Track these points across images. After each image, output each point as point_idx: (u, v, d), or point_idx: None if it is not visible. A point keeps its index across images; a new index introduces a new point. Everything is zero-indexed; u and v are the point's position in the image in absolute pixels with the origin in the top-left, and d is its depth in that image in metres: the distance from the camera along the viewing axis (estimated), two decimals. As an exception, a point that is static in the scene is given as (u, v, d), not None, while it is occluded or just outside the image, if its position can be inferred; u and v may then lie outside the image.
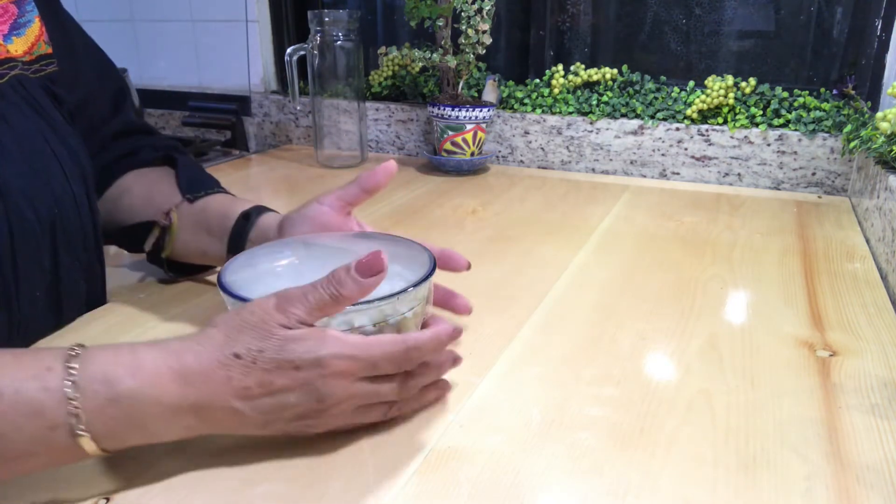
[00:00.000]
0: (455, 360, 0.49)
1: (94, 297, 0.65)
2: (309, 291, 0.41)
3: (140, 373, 0.38)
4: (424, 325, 0.50)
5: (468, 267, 0.59)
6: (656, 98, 1.18)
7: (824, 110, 1.08)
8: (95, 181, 0.65)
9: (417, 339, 0.44)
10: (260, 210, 0.64)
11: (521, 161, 1.26)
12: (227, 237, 0.63)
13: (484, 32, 1.13)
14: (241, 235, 0.62)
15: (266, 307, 0.41)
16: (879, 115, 0.83)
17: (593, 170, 1.21)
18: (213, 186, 0.69)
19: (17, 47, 0.58)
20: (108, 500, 0.39)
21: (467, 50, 1.15)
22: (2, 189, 0.53)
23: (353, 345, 0.41)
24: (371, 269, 0.41)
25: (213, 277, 0.72)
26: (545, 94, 1.24)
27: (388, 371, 0.43)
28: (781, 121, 1.10)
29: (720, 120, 1.13)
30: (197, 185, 0.68)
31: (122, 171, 0.71)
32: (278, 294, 0.41)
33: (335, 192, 0.58)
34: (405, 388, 0.45)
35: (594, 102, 1.20)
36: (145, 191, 0.70)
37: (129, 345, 0.40)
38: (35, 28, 0.60)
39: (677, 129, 1.14)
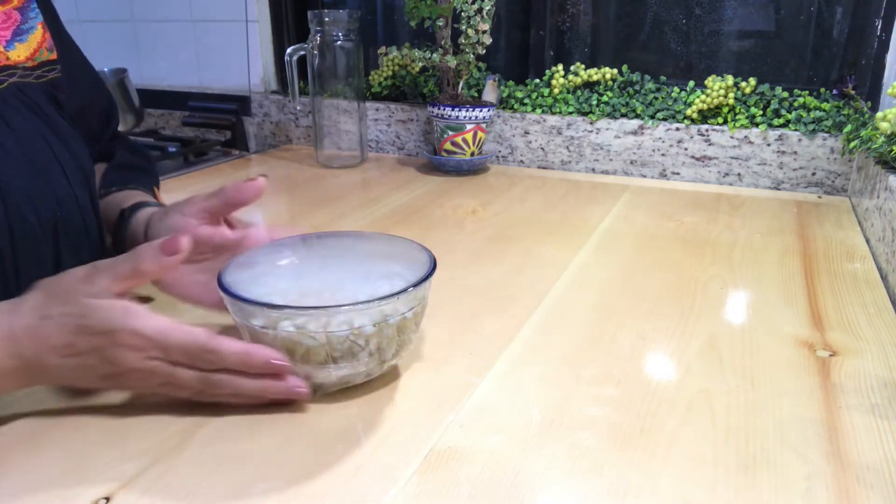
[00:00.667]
0: (290, 391, 0.47)
1: None
2: (114, 264, 0.44)
3: None
4: None
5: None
6: (656, 98, 1.18)
7: (824, 110, 1.08)
8: None
9: (219, 345, 0.44)
10: (136, 207, 0.63)
11: (521, 161, 1.26)
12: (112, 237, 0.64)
13: (484, 32, 1.14)
14: (121, 233, 0.63)
15: (77, 275, 0.44)
16: (879, 115, 0.83)
17: (593, 170, 1.21)
18: (128, 183, 0.69)
19: (19, 53, 0.58)
20: (107, 500, 0.39)
21: (467, 50, 1.15)
22: (3, 190, 0.53)
23: (148, 325, 0.43)
24: (172, 248, 0.44)
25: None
26: (545, 94, 1.24)
27: (181, 361, 0.44)
28: (781, 121, 1.10)
29: (720, 120, 1.13)
30: (112, 182, 0.69)
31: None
32: (93, 264, 0.45)
33: (198, 203, 0.56)
34: (208, 382, 0.45)
35: (594, 102, 1.20)
36: None
37: None
38: (38, 34, 0.60)
39: (677, 129, 1.14)
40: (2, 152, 0.54)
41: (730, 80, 1.12)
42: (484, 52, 1.16)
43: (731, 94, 1.11)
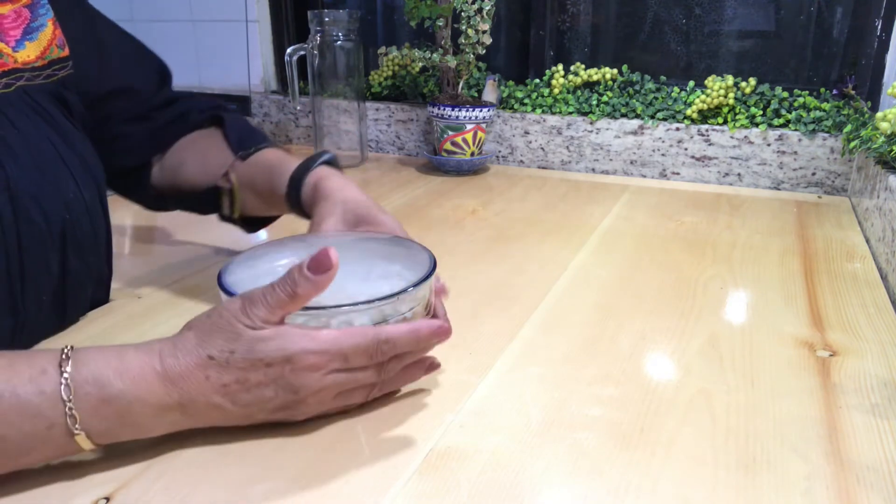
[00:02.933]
0: (439, 336, 0.47)
1: (98, 298, 0.66)
2: (268, 292, 0.43)
3: (127, 375, 0.40)
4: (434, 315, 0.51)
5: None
6: (656, 98, 1.18)
7: (824, 110, 1.08)
8: (148, 148, 0.71)
9: (390, 333, 0.44)
10: (302, 172, 0.63)
11: (521, 161, 1.26)
12: (283, 200, 0.63)
13: (484, 32, 1.13)
14: (295, 197, 0.63)
15: (232, 310, 0.42)
16: (879, 115, 0.83)
17: (593, 170, 1.21)
18: (261, 141, 0.70)
19: (30, 52, 0.58)
20: (107, 500, 0.39)
21: (467, 50, 1.15)
22: (12, 192, 0.53)
23: (321, 340, 0.42)
24: (321, 266, 0.42)
25: (192, 275, 0.72)
26: (545, 94, 1.24)
27: (359, 363, 0.44)
28: (781, 121, 1.10)
29: (720, 120, 1.13)
30: (246, 143, 0.69)
31: (173, 137, 0.72)
32: (242, 296, 0.43)
33: (334, 221, 0.59)
34: (384, 372, 0.46)
35: (594, 102, 1.20)
36: (200, 157, 0.71)
37: (117, 347, 0.42)
38: (48, 32, 0.60)
39: (677, 129, 1.14)
40: (10, 156, 0.54)
41: (730, 80, 1.12)
42: (484, 52, 1.16)
43: (731, 94, 1.11)
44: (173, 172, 0.71)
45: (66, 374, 0.39)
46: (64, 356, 0.40)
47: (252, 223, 0.72)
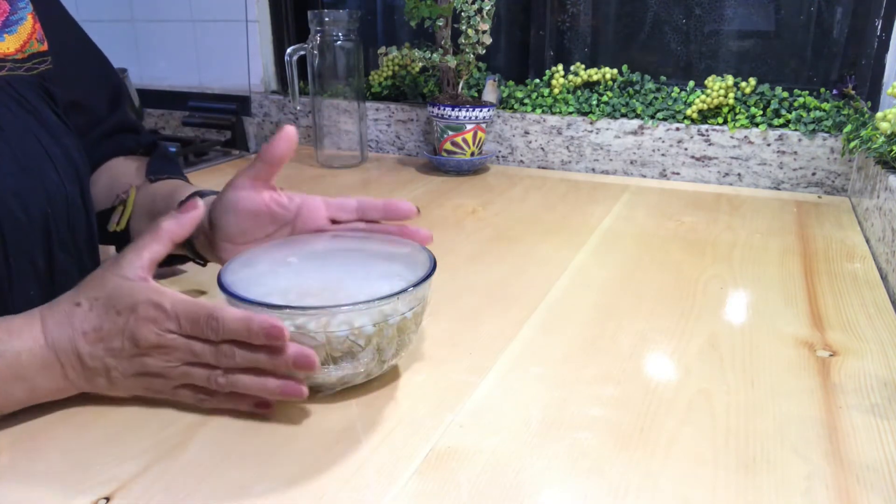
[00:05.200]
0: (297, 361, 0.44)
1: None
2: (140, 239, 0.46)
3: (13, 330, 0.45)
4: None
5: (417, 212, 0.56)
6: (656, 98, 1.18)
7: (824, 110, 1.08)
8: None
9: (221, 311, 0.44)
10: (195, 196, 0.61)
11: (521, 161, 1.26)
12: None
13: (484, 32, 1.13)
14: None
15: (112, 259, 0.46)
16: (879, 115, 0.83)
17: (593, 170, 1.21)
18: (177, 174, 0.69)
19: (9, 45, 0.57)
20: (107, 500, 0.39)
21: (467, 50, 1.15)
22: None
23: (164, 297, 0.44)
24: (189, 207, 0.48)
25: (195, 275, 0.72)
26: (545, 94, 1.24)
27: (189, 332, 0.45)
28: (781, 121, 1.10)
29: (720, 120, 1.13)
30: (162, 171, 0.68)
31: (101, 158, 0.71)
32: (127, 247, 0.47)
33: (244, 173, 0.56)
34: (220, 354, 0.45)
35: (594, 102, 1.20)
36: (113, 175, 0.70)
37: (5, 317, 0.46)
38: (28, 25, 0.59)
39: (677, 129, 1.14)
40: None
41: (730, 80, 1.12)
42: (484, 52, 1.16)
43: (731, 94, 1.11)
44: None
45: None
46: None
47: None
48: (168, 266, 0.71)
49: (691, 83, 1.16)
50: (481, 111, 1.15)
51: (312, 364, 0.45)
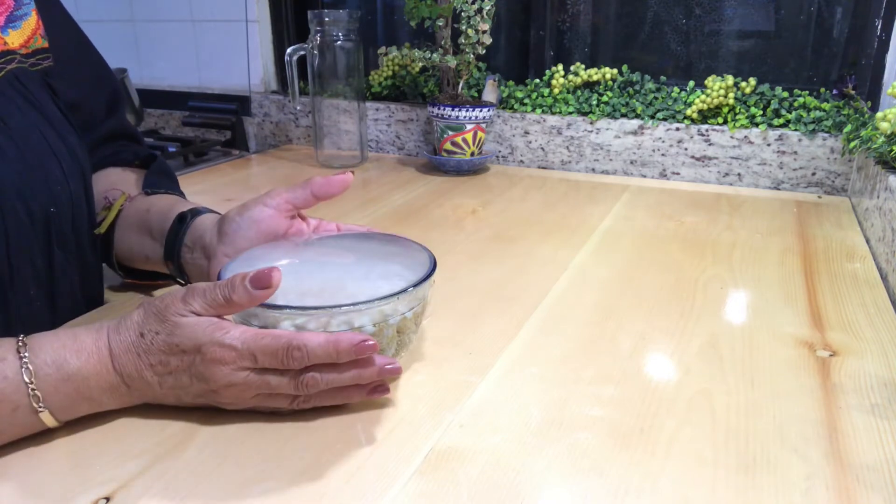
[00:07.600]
0: (385, 372, 0.46)
1: (91, 294, 0.65)
2: (209, 289, 0.45)
3: (82, 353, 0.44)
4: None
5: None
6: (656, 98, 1.18)
7: (824, 110, 1.08)
8: None
9: (302, 339, 0.43)
10: (197, 212, 0.61)
11: (521, 161, 1.26)
12: (163, 240, 0.61)
13: (484, 32, 1.13)
14: (175, 239, 0.60)
15: (174, 296, 0.45)
16: (879, 115, 0.83)
17: (593, 170, 1.21)
18: (174, 190, 0.68)
19: (14, 39, 0.57)
20: (107, 500, 0.39)
21: (467, 50, 1.15)
22: None
23: (232, 335, 0.44)
24: (262, 282, 0.44)
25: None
26: (545, 94, 1.24)
27: (268, 365, 0.44)
28: (781, 121, 1.10)
29: (720, 120, 1.13)
30: (159, 186, 0.67)
31: (100, 167, 0.70)
32: (190, 286, 0.46)
33: (283, 195, 0.56)
34: (300, 384, 0.45)
35: (594, 102, 1.20)
36: (112, 181, 0.69)
37: (70, 329, 0.46)
38: (32, 21, 0.59)
39: (677, 129, 1.14)
40: None
41: (730, 80, 1.12)
42: (484, 52, 1.16)
43: (731, 94, 1.11)
44: None
45: (24, 359, 0.43)
46: (20, 343, 0.43)
47: (131, 273, 0.68)
48: (150, 280, 0.69)
49: (691, 83, 1.16)
50: (481, 111, 1.15)
51: (400, 372, 0.47)
